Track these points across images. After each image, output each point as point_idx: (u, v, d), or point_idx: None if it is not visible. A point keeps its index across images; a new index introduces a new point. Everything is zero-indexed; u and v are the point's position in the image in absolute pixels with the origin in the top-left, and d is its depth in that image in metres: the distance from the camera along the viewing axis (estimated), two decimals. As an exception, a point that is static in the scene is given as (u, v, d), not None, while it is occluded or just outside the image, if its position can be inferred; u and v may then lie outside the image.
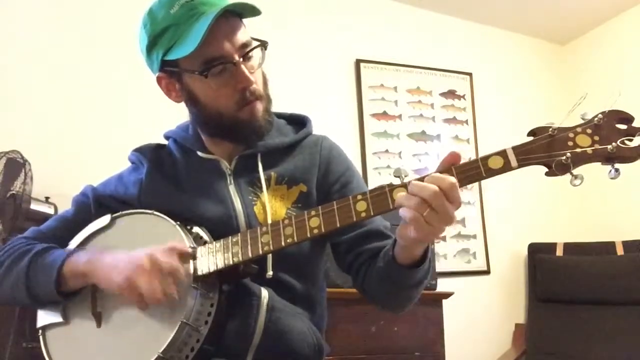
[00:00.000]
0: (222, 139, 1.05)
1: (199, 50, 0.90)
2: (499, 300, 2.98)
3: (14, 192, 1.77)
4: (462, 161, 0.81)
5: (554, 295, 2.79)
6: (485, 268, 2.96)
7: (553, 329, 2.72)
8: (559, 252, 2.89)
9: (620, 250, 2.72)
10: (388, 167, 2.82)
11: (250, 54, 0.97)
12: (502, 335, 2.91)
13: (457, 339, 2.49)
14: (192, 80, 0.98)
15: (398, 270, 0.89)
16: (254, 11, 0.96)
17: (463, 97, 3.13)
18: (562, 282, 2.77)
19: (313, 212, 0.87)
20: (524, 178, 3.01)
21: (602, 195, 3.03)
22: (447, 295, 2.16)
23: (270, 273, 0.96)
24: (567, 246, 2.90)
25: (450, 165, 0.81)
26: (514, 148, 0.80)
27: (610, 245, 2.76)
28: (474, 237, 2.96)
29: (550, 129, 0.79)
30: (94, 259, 0.94)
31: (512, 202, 3.08)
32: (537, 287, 2.87)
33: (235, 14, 0.96)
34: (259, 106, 0.99)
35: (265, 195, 1.01)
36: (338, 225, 0.85)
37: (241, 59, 0.95)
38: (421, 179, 0.79)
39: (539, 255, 2.92)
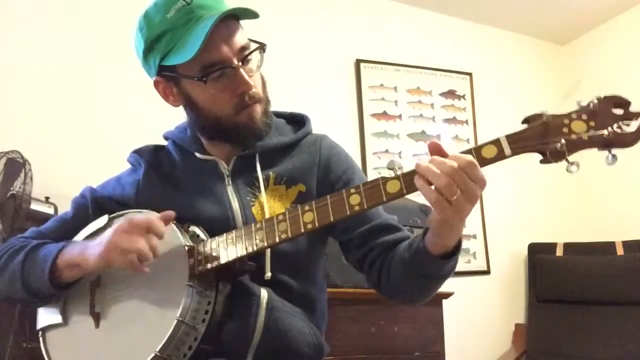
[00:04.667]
0: (221, 141, 1.05)
1: (197, 56, 0.89)
2: (499, 300, 2.98)
3: (14, 192, 1.77)
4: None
5: (554, 295, 2.79)
6: (485, 268, 2.96)
7: (553, 329, 2.72)
8: (559, 252, 2.89)
9: (620, 250, 2.72)
10: (388, 167, 2.82)
11: (249, 57, 0.97)
12: (502, 335, 2.91)
13: (457, 339, 2.49)
14: (191, 85, 0.97)
15: (428, 261, 0.87)
16: (252, 14, 0.95)
17: (463, 97, 3.13)
18: (562, 282, 2.76)
19: (307, 207, 0.87)
20: (524, 178, 3.03)
21: (603, 195, 3.03)
22: (447, 295, 2.16)
23: (268, 275, 0.96)
24: (567, 246, 2.89)
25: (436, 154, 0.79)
26: (508, 136, 0.80)
27: (610, 245, 2.75)
28: (474, 237, 2.96)
29: (544, 116, 0.79)
30: (85, 247, 0.95)
31: (512, 202, 3.08)
32: (537, 287, 2.87)
33: (233, 16, 0.95)
34: (258, 109, 0.99)
35: (263, 196, 1.01)
36: (332, 219, 0.85)
37: (240, 63, 0.94)
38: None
39: (539, 255, 2.92)
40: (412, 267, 0.91)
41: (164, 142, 1.16)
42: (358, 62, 2.89)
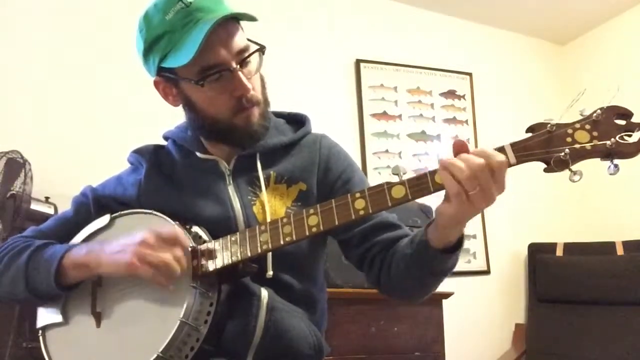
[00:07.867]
0: (218, 142, 1.05)
1: (195, 59, 0.89)
2: (499, 300, 2.98)
3: (14, 192, 1.77)
4: None
5: (554, 295, 2.79)
6: (485, 268, 2.96)
7: (553, 329, 2.72)
8: (559, 252, 2.89)
9: (620, 250, 2.72)
10: (388, 167, 2.82)
11: (248, 59, 0.96)
12: (502, 335, 2.91)
13: (457, 339, 2.49)
14: (189, 87, 0.97)
15: (432, 255, 0.87)
16: (249, 17, 0.94)
17: (463, 97, 3.13)
18: (562, 282, 2.76)
19: (312, 211, 0.87)
20: (524, 178, 3.01)
21: (602, 195, 3.04)
22: (447, 295, 2.16)
23: (270, 273, 0.96)
24: (567, 246, 2.90)
25: (460, 153, 0.79)
26: (512, 144, 0.80)
27: (610, 245, 2.76)
28: (474, 237, 2.96)
29: (549, 125, 0.79)
30: (95, 249, 0.94)
31: (512, 202, 3.07)
32: (537, 287, 2.87)
33: (233, 17, 0.95)
34: (255, 112, 0.99)
35: (264, 195, 1.01)
36: (337, 223, 0.85)
37: (238, 66, 0.94)
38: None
39: (539, 255, 2.92)
40: (415, 261, 0.91)
41: (164, 142, 1.16)
42: (358, 62, 2.89)
